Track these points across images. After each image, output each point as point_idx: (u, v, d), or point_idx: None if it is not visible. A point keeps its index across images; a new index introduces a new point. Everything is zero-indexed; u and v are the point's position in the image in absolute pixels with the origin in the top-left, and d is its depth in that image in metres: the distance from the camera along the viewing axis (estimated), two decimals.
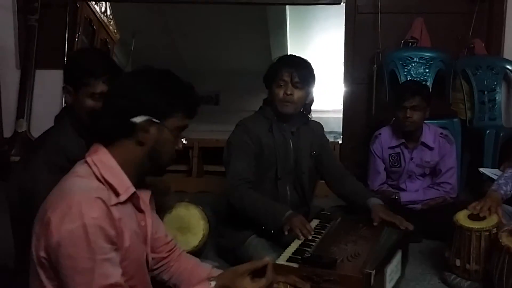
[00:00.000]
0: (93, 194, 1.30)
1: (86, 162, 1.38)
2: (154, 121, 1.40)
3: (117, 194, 1.37)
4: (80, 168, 1.38)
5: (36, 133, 4.15)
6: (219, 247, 2.62)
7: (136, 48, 5.37)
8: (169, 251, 1.67)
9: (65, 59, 4.22)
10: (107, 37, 4.59)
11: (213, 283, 1.41)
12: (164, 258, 1.65)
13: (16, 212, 1.90)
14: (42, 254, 1.28)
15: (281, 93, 2.44)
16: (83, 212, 1.25)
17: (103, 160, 1.39)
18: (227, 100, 6.21)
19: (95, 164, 1.37)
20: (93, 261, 1.24)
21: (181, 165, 4.35)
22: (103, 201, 1.31)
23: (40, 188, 1.71)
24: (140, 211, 1.47)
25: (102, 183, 1.36)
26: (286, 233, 2.13)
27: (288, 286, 1.49)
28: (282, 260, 1.91)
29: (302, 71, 2.46)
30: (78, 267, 1.24)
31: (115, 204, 1.35)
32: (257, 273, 1.45)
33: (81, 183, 1.33)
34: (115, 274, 1.29)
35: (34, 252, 1.32)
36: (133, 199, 1.43)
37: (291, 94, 2.43)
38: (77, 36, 4.29)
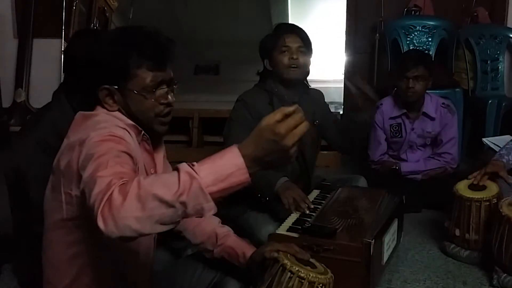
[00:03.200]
0: (120, 126, 1.31)
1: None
2: (114, 89, 1.35)
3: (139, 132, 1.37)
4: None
5: (35, 102, 4.16)
6: (220, 216, 2.62)
7: (134, 16, 5.29)
8: None
9: (63, 27, 4.18)
10: (105, 5, 4.51)
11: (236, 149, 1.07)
12: None
13: (11, 187, 1.91)
14: (74, 189, 1.26)
15: (285, 59, 2.39)
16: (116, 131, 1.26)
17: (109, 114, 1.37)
18: (227, 70, 6.14)
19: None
20: (116, 151, 1.18)
21: (181, 135, 4.34)
22: (129, 133, 1.32)
23: (34, 170, 1.72)
24: (151, 154, 1.45)
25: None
26: (286, 206, 2.11)
27: (288, 255, 1.50)
28: (282, 230, 1.92)
29: (303, 35, 2.43)
30: (100, 153, 1.16)
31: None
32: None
33: (107, 120, 1.32)
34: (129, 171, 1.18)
35: (62, 191, 1.31)
36: (145, 144, 1.41)
37: (297, 58, 2.39)
38: (74, 4, 4.23)
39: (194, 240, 1.68)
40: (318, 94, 2.68)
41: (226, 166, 1.04)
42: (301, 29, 2.47)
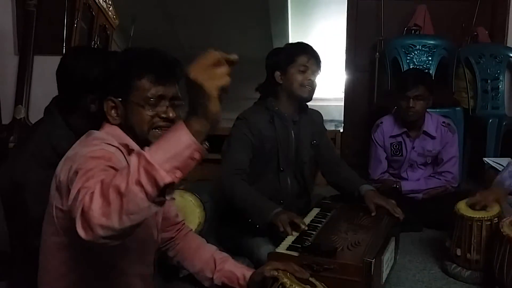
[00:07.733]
0: (114, 144, 1.32)
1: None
2: (118, 101, 1.37)
3: (129, 152, 1.35)
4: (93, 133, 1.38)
5: (35, 119, 4.11)
6: (219, 235, 2.60)
7: (135, 34, 5.32)
8: (177, 230, 1.71)
9: (64, 45, 4.19)
10: (106, 23, 4.53)
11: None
12: (172, 237, 1.70)
13: (7, 201, 1.89)
14: (64, 204, 1.26)
15: (301, 77, 2.43)
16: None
17: (108, 131, 1.38)
18: None
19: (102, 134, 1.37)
20: (103, 166, 1.18)
21: None
22: (121, 151, 1.32)
23: (30, 183, 1.71)
24: None
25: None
26: (281, 229, 2.07)
27: (288, 274, 1.48)
28: (282, 249, 1.90)
29: (319, 60, 2.49)
30: (87, 168, 1.16)
31: None
32: None
33: (103, 138, 1.33)
34: None
35: (54, 205, 1.31)
36: None
37: (313, 80, 2.45)
38: (75, 22, 4.24)
39: (192, 269, 1.69)
40: (317, 115, 2.70)
41: (169, 133, 1.06)
42: (315, 51, 2.52)
